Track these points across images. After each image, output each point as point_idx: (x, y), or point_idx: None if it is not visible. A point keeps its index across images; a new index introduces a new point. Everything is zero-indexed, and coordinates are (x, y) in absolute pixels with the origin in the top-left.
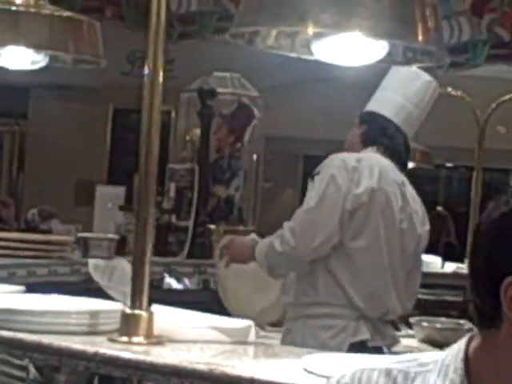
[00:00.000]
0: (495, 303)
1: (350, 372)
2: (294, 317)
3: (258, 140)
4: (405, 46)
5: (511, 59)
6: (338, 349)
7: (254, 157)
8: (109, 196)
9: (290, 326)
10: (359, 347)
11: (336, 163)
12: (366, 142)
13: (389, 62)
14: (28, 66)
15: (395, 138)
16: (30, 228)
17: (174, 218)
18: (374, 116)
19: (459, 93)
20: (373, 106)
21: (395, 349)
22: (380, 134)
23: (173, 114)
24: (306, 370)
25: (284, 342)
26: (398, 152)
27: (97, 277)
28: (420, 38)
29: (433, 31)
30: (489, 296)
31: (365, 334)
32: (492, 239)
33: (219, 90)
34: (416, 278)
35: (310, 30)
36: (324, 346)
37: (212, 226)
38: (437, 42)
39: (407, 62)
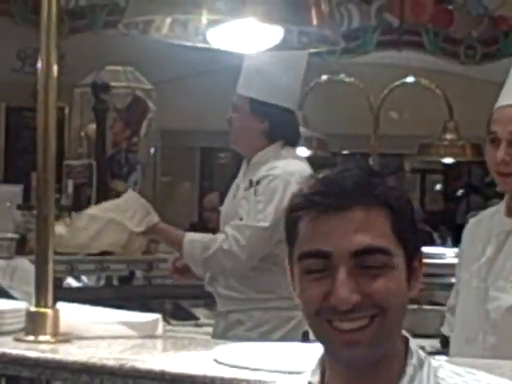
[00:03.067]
0: None
1: None
2: (250, 308)
3: (155, 133)
4: (299, 31)
5: (401, 45)
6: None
7: (152, 150)
8: (6, 195)
9: (242, 317)
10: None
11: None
12: (271, 137)
13: (284, 47)
14: None
15: (294, 125)
16: None
17: (73, 215)
18: (262, 106)
19: (352, 79)
20: (251, 91)
21: None
22: (283, 128)
23: (67, 110)
24: (216, 360)
25: (232, 331)
26: (295, 139)
27: None
28: (314, 22)
29: (327, 16)
30: None
31: None
32: None
33: (113, 83)
34: None
35: (204, 18)
36: (285, 337)
37: None
38: (331, 26)
39: (302, 47)
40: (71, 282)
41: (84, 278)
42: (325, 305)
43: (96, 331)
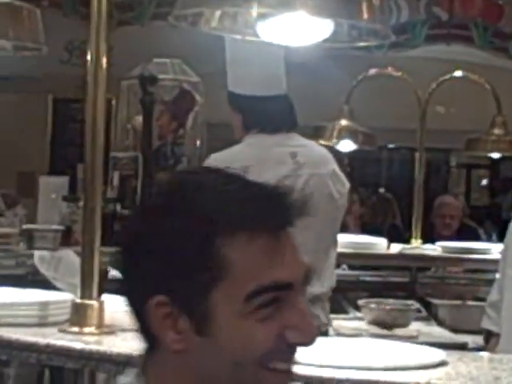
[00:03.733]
0: (145, 328)
1: None
2: None
3: (201, 126)
4: (350, 24)
5: (449, 39)
6: None
7: (197, 143)
8: (52, 186)
9: None
10: None
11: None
12: (246, 128)
13: (333, 41)
14: None
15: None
16: None
17: (118, 207)
18: (234, 98)
19: (400, 73)
20: (232, 86)
21: (344, 331)
22: (257, 117)
23: (114, 103)
24: None
25: None
26: (277, 121)
27: (43, 269)
28: (365, 16)
29: (377, 10)
30: (138, 320)
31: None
32: (127, 258)
33: (160, 76)
34: None
35: (255, 11)
36: None
37: None
38: (382, 20)
39: (352, 40)
40: (116, 273)
41: None
42: (279, 345)
43: None
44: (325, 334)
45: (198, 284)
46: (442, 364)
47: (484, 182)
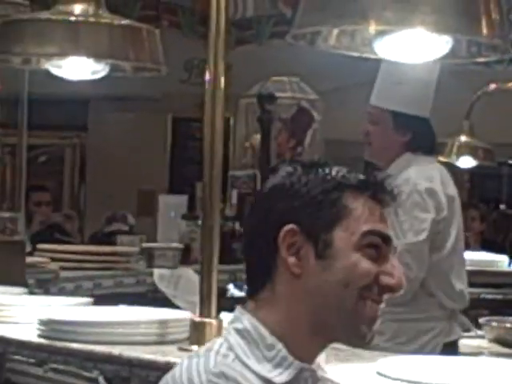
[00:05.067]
0: (270, 257)
1: None
2: (388, 319)
3: (319, 143)
4: (469, 40)
5: None
6: (433, 350)
7: None
8: (171, 205)
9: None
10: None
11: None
12: (410, 148)
13: (452, 57)
14: (89, 76)
15: (432, 133)
16: (99, 235)
17: (237, 225)
18: (405, 119)
19: None
20: (392, 104)
21: (465, 350)
22: (423, 138)
23: (232, 121)
24: (379, 373)
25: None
26: (433, 147)
27: (162, 286)
28: (484, 31)
29: (497, 24)
30: (264, 252)
31: (457, 334)
32: (270, 199)
33: (278, 94)
34: None
35: (373, 28)
36: (422, 348)
37: None
38: (501, 35)
39: (471, 56)
40: (234, 291)
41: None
42: (375, 285)
43: None
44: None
45: (325, 219)
46: None
47: None
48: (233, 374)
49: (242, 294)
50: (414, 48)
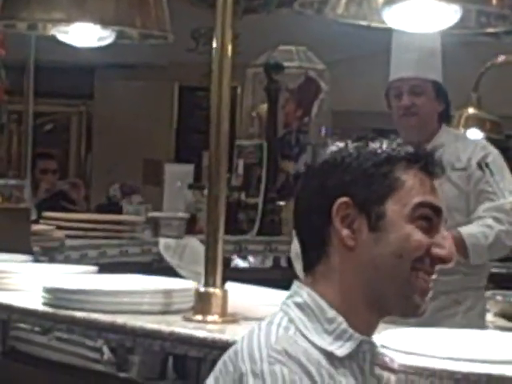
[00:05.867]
0: (323, 230)
1: None
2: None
3: (326, 114)
4: (478, 10)
5: None
6: None
7: (323, 131)
8: (178, 174)
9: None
10: None
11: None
12: (444, 120)
13: (461, 27)
14: (95, 43)
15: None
16: (113, 204)
17: (243, 196)
18: (443, 89)
19: None
20: (432, 74)
21: None
22: (449, 108)
23: (239, 90)
24: (383, 345)
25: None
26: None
27: (167, 256)
28: (494, 1)
29: None
30: (318, 225)
31: None
32: (322, 174)
33: (285, 63)
34: None
35: None
36: None
37: (282, 203)
38: (511, 5)
39: (480, 26)
40: (238, 262)
41: (251, 258)
42: (427, 254)
43: (264, 312)
44: None
45: (378, 192)
46: None
47: None
48: (295, 353)
49: (245, 264)
50: (423, 17)
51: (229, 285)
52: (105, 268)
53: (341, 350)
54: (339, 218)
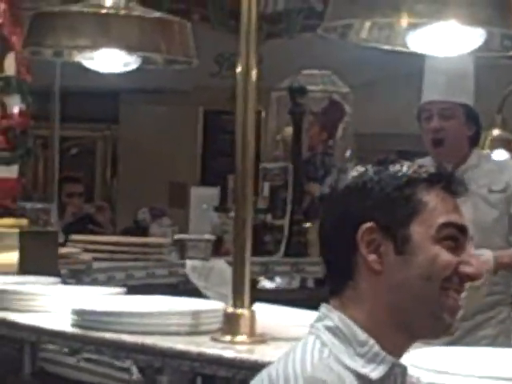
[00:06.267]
0: (349, 256)
1: None
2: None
3: (350, 137)
4: (502, 33)
5: None
6: None
7: (347, 153)
8: (203, 197)
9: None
10: None
11: None
12: (474, 143)
13: (485, 50)
14: (120, 69)
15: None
16: (141, 227)
17: (269, 218)
18: (474, 113)
19: None
20: (462, 97)
21: None
22: (479, 132)
23: (263, 114)
24: (413, 365)
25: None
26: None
27: (194, 278)
28: None
29: None
30: (343, 251)
31: None
32: (344, 200)
33: (309, 87)
34: None
35: (405, 21)
36: None
37: (308, 224)
38: None
39: (504, 49)
40: (265, 283)
41: (278, 279)
42: (455, 273)
43: (292, 333)
44: None
45: (401, 215)
46: None
47: None
48: (330, 381)
49: (272, 285)
50: (447, 41)
51: (257, 305)
52: (132, 290)
53: (374, 372)
54: (365, 244)
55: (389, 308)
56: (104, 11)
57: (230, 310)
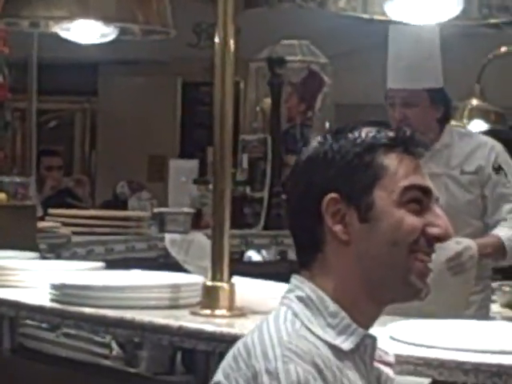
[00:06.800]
0: (315, 228)
1: None
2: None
3: (329, 108)
4: (480, 1)
5: None
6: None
7: (327, 125)
8: (182, 170)
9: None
10: None
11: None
12: (445, 121)
13: (463, 19)
14: (98, 40)
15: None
16: (120, 201)
17: (248, 190)
18: (440, 93)
19: None
20: (425, 82)
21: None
22: (449, 108)
23: (242, 85)
24: (392, 337)
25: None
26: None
27: (174, 252)
28: None
29: None
30: (309, 223)
31: None
32: (307, 172)
33: (288, 58)
34: None
35: None
36: None
37: None
38: None
39: (483, 18)
40: (251, 255)
41: (264, 251)
42: (422, 238)
43: (271, 306)
44: None
45: (363, 183)
46: None
47: None
48: (308, 351)
49: (259, 258)
50: (425, 9)
51: (235, 278)
52: (111, 264)
53: (345, 344)
54: (330, 215)
55: (358, 277)
56: None
57: (209, 283)
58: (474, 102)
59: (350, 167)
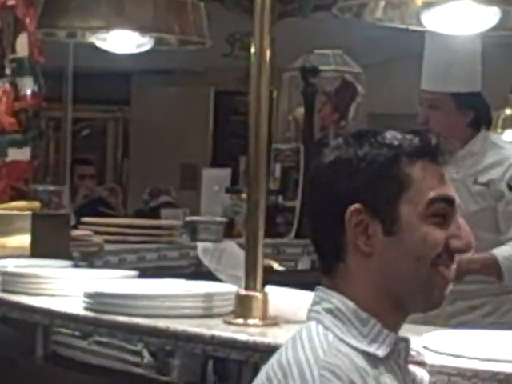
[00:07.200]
0: (338, 237)
1: None
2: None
3: (362, 117)
4: None
5: None
6: None
7: None
8: (215, 179)
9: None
10: None
11: None
12: (476, 127)
13: (499, 29)
14: (133, 50)
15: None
16: (145, 208)
17: (280, 199)
18: (469, 98)
19: None
20: (451, 86)
21: None
22: (484, 114)
23: (275, 94)
24: (425, 347)
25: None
26: (490, 118)
27: (206, 260)
28: None
29: None
30: (331, 232)
31: None
32: (331, 175)
33: (321, 67)
34: None
35: (420, 0)
36: None
37: None
38: None
39: None
40: (274, 265)
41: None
42: (445, 248)
43: (304, 315)
44: None
45: (388, 195)
46: None
47: None
48: (346, 370)
49: (281, 268)
50: (462, 20)
51: (269, 288)
52: (143, 272)
53: (380, 350)
54: (353, 226)
55: (380, 288)
56: None
57: (243, 292)
58: (508, 111)
59: (376, 177)
